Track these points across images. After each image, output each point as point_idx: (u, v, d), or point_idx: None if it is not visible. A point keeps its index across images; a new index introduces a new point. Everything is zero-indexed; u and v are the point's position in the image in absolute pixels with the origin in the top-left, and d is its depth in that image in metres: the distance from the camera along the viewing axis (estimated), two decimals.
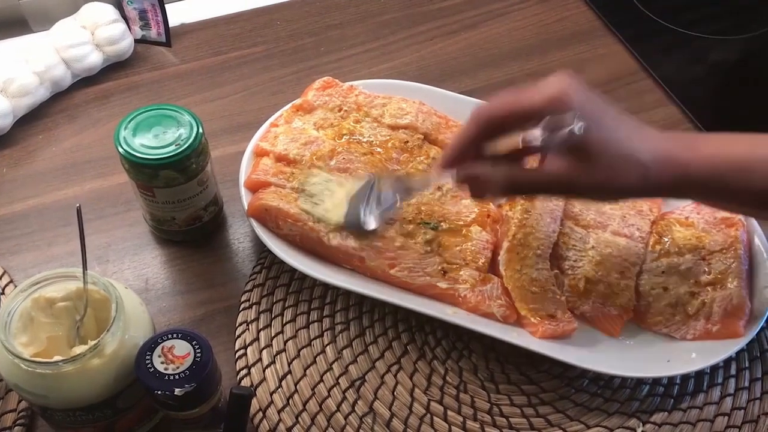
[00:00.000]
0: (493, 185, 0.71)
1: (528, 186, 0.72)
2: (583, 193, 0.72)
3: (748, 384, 0.83)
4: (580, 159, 0.68)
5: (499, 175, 0.70)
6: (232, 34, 1.18)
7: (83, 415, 0.69)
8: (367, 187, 0.83)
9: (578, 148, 0.67)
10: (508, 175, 0.71)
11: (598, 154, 0.68)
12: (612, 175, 0.69)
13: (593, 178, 0.69)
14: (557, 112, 0.66)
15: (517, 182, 0.71)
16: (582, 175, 0.68)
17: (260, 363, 0.83)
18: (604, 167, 0.68)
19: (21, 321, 0.68)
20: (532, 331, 0.83)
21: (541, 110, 0.67)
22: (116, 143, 0.81)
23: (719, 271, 0.85)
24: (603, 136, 0.68)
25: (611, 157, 0.68)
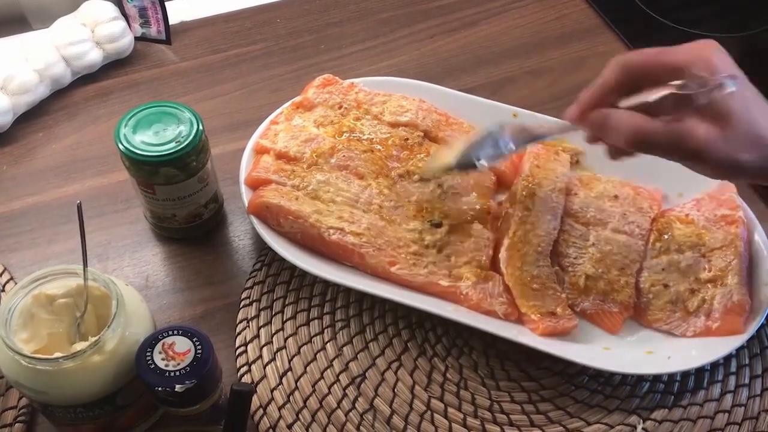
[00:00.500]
0: (624, 133, 0.69)
1: (659, 141, 0.69)
2: (710, 160, 0.69)
3: (749, 381, 0.83)
4: (717, 124, 0.67)
5: (632, 122, 0.69)
6: (232, 31, 1.18)
7: (84, 411, 0.69)
8: (488, 133, 0.83)
9: (719, 111, 0.66)
10: (641, 123, 0.69)
11: (738, 122, 0.67)
12: (744, 147, 0.68)
13: (725, 146, 0.67)
14: (701, 68, 0.66)
15: (648, 133, 0.69)
16: (717, 140, 0.67)
17: (261, 360, 0.83)
18: (738, 137, 0.67)
19: (21, 318, 0.68)
20: (533, 328, 0.83)
21: (687, 65, 0.67)
22: (116, 140, 0.81)
23: (719, 268, 0.85)
24: (743, 106, 0.67)
25: (747, 128, 0.67)
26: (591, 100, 0.72)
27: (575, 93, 1.09)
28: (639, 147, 0.71)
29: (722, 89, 0.65)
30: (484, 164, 0.82)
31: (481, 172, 0.85)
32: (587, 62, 1.15)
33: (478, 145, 0.83)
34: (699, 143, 0.67)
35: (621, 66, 0.70)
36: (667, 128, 0.68)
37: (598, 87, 0.72)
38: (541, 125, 0.83)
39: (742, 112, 0.67)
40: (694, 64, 0.67)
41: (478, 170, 0.83)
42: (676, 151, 0.70)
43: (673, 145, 0.69)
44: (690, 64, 0.67)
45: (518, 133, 0.82)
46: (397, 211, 0.88)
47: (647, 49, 0.71)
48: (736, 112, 0.67)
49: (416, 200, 0.88)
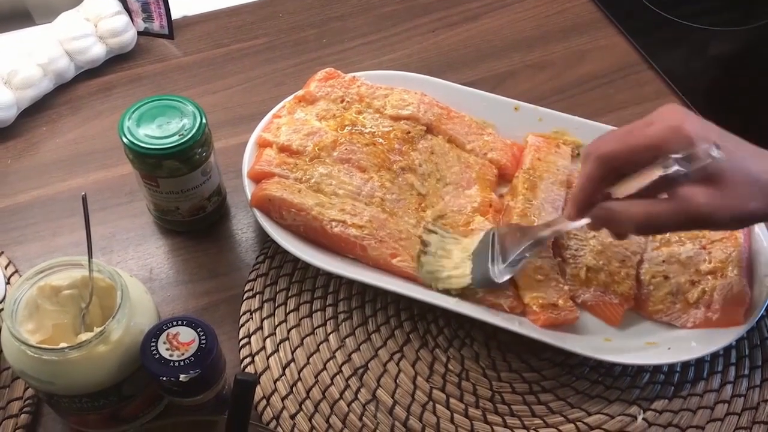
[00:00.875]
0: (630, 222, 0.70)
1: (666, 221, 0.70)
2: (719, 222, 0.70)
3: (748, 371, 0.84)
4: (714, 187, 0.67)
5: (637, 211, 0.70)
6: (235, 26, 1.18)
7: (89, 401, 0.70)
8: (487, 241, 0.84)
9: (712, 174, 0.67)
10: (646, 210, 0.69)
11: (732, 180, 0.67)
12: (747, 198, 0.68)
13: (729, 204, 0.68)
14: (679, 143, 0.66)
15: (654, 217, 0.69)
16: (719, 203, 0.68)
17: (264, 351, 0.83)
18: (738, 192, 0.68)
19: (27, 309, 0.69)
20: (534, 319, 0.83)
21: (663, 143, 0.67)
22: (120, 133, 0.82)
23: (719, 259, 0.86)
24: (736, 160, 0.68)
25: (743, 182, 0.68)
26: (587, 197, 0.73)
27: (576, 86, 1.11)
28: (649, 232, 0.74)
29: (712, 161, 0.65)
30: (504, 279, 0.82)
31: None
32: (588, 56, 1.16)
33: (485, 254, 0.83)
34: (704, 211, 0.68)
35: (600, 161, 0.71)
36: (670, 207, 0.69)
37: (587, 185, 0.72)
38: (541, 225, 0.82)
39: (733, 166, 0.68)
40: (670, 140, 0.67)
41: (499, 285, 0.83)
42: (685, 225, 0.71)
43: (680, 220, 0.69)
44: (666, 142, 0.67)
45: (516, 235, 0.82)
46: (398, 204, 0.88)
47: (615, 133, 0.72)
48: (728, 169, 0.67)
49: (416, 194, 0.89)
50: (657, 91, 1.11)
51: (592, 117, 0.99)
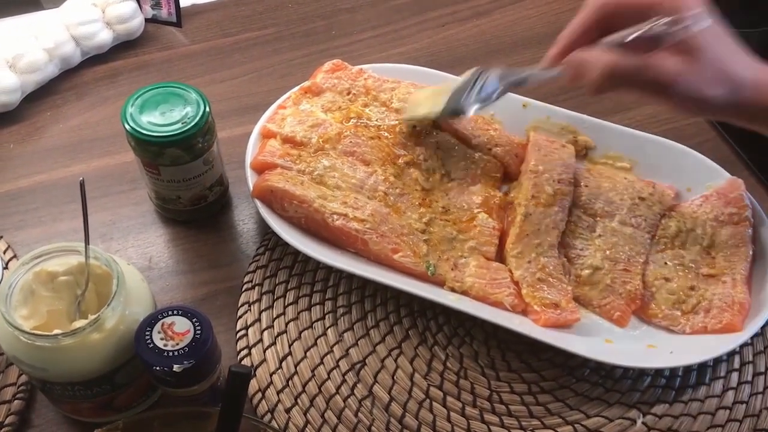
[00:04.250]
0: (597, 70, 0.71)
1: (631, 75, 0.71)
2: (679, 94, 0.71)
3: (751, 378, 0.82)
4: (687, 58, 0.69)
5: (605, 60, 0.71)
6: (243, 15, 1.18)
7: (82, 389, 0.69)
8: (471, 77, 0.84)
9: (689, 46, 0.69)
10: (614, 60, 0.71)
11: (706, 57, 0.69)
12: (709, 83, 0.70)
13: (693, 80, 0.70)
14: (672, 6, 0.68)
15: (621, 69, 0.71)
16: (686, 74, 0.69)
17: (261, 344, 0.83)
18: (706, 72, 0.70)
19: (22, 294, 0.68)
20: (535, 319, 0.82)
21: (657, 3, 0.69)
22: (123, 120, 0.81)
23: (723, 265, 0.85)
24: (713, 42, 0.70)
25: (715, 64, 0.70)
26: (569, 41, 0.74)
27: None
28: (611, 81, 0.73)
29: (692, 26, 0.67)
30: (475, 109, 0.83)
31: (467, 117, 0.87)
32: None
33: (464, 91, 0.84)
34: (667, 77, 0.70)
35: (597, 6, 0.72)
36: (637, 62, 0.70)
37: (576, 27, 0.74)
38: (524, 68, 0.83)
39: (710, 47, 0.70)
40: (664, 2, 0.69)
41: (467, 117, 0.84)
42: (646, 85, 0.72)
43: (643, 78, 0.71)
44: (660, 3, 0.69)
45: (503, 76, 0.83)
46: (402, 199, 0.87)
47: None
48: (705, 48, 0.69)
49: (420, 189, 0.88)
50: None
51: (601, 116, 0.98)
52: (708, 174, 0.92)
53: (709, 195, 0.91)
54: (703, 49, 0.69)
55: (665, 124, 1.04)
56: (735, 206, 0.88)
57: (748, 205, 0.88)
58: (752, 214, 0.88)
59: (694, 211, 0.90)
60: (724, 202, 0.89)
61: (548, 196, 0.87)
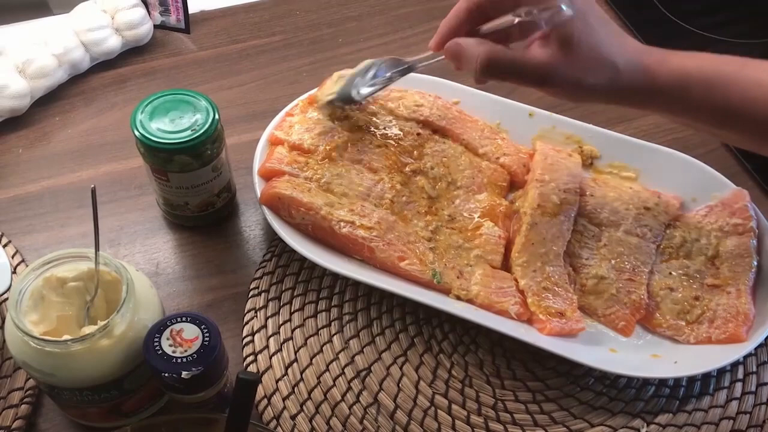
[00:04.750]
0: (474, 59, 0.72)
1: (505, 66, 0.72)
2: (554, 84, 0.73)
3: (755, 389, 0.83)
4: (560, 49, 0.70)
5: (481, 51, 0.72)
6: (251, 22, 1.18)
7: (90, 395, 0.69)
8: (364, 68, 0.86)
9: (563, 36, 0.69)
10: (490, 52, 0.72)
11: (578, 46, 0.70)
12: (585, 71, 0.71)
13: (568, 70, 0.71)
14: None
15: (495, 60, 0.72)
16: (558, 65, 0.70)
17: (267, 350, 0.83)
18: (580, 61, 0.70)
19: (32, 299, 0.68)
20: (540, 328, 0.83)
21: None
22: (132, 126, 0.82)
23: (727, 276, 0.85)
24: (585, 30, 0.70)
25: (588, 53, 0.70)
26: (447, 30, 0.76)
27: None
28: (489, 73, 0.74)
29: (561, 14, 0.68)
30: (364, 95, 0.86)
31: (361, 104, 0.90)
32: None
33: (356, 79, 0.87)
34: (542, 68, 0.71)
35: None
36: (512, 54, 0.72)
37: (452, 16, 0.75)
38: (411, 57, 0.85)
39: (583, 36, 0.70)
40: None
41: (358, 103, 0.87)
42: (523, 76, 0.73)
43: (519, 69, 0.72)
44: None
45: (391, 64, 0.86)
46: (408, 207, 0.88)
47: None
48: (577, 37, 0.70)
49: (426, 197, 0.89)
50: None
51: (606, 126, 0.98)
52: (713, 184, 0.92)
53: (714, 205, 0.91)
54: (577, 38, 0.70)
55: (670, 133, 1.04)
56: (740, 217, 0.89)
57: (753, 216, 0.89)
58: (757, 224, 0.89)
59: (699, 222, 0.90)
60: (728, 213, 0.89)
61: (554, 205, 0.88)
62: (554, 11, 0.68)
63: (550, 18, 0.68)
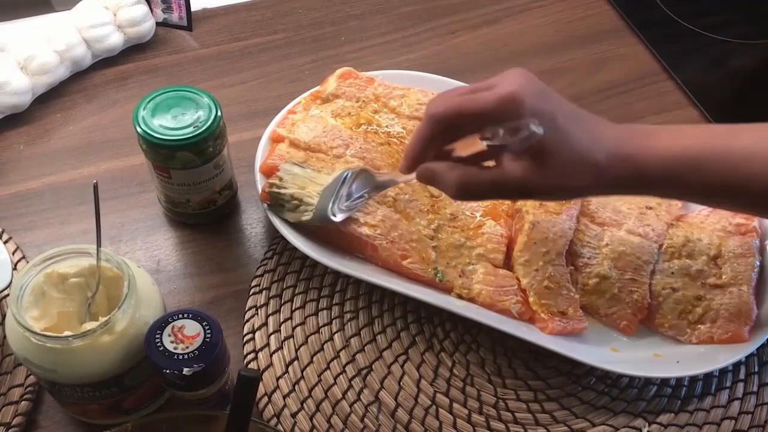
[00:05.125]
0: (448, 185, 0.70)
1: (482, 188, 0.70)
2: (537, 195, 0.71)
3: (757, 389, 0.83)
4: (534, 161, 0.67)
5: (453, 177, 0.69)
6: (253, 20, 1.18)
7: (91, 391, 0.69)
8: (338, 181, 0.83)
9: (534, 150, 0.66)
10: (461, 177, 0.69)
11: (552, 156, 0.67)
12: (566, 177, 0.68)
13: (548, 180, 0.68)
14: (509, 113, 0.65)
15: (470, 184, 0.69)
16: (536, 177, 0.67)
17: (268, 348, 0.83)
18: (558, 169, 0.67)
19: (33, 295, 0.68)
20: (542, 327, 0.82)
21: (493, 111, 0.66)
22: (135, 123, 0.81)
23: (729, 276, 0.85)
24: (557, 137, 0.67)
25: (565, 159, 0.67)
26: (416, 155, 0.72)
27: (595, 94, 1.10)
28: (466, 197, 0.73)
29: (531, 137, 0.64)
30: (339, 218, 0.82)
31: None
32: (608, 64, 1.15)
33: (331, 195, 0.83)
34: (519, 184, 0.68)
35: (430, 121, 0.70)
36: (488, 176, 0.69)
37: (418, 142, 0.71)
38: (383, 173, 0.83)
39: (556, 144, 0.66)
40: (501, 106, 0.66)
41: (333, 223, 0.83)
42: (502, 195, 0.72)
43: (497, 190, 0.70)
44: (495, 110, 0.66)
45: (366, 180, 0.82)
46: (410, 205, 0.88)
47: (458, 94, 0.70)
48: (550, 148, 0.66)
49: (428, 195, 0.88)
50: (676, 102, 1.10)
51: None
52: None
53: None
54: (549, 149, 0.67)
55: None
56: (742, 216, 0.89)
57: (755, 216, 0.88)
58: (759, 224, 0.88)
59: (701, 221, 0.90)
60: (731, 213, 0.89)
61: (556, 204, 0.88)
62: (523, 134, 0.64)
63: (520, 141, 0.64)
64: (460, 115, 0.68)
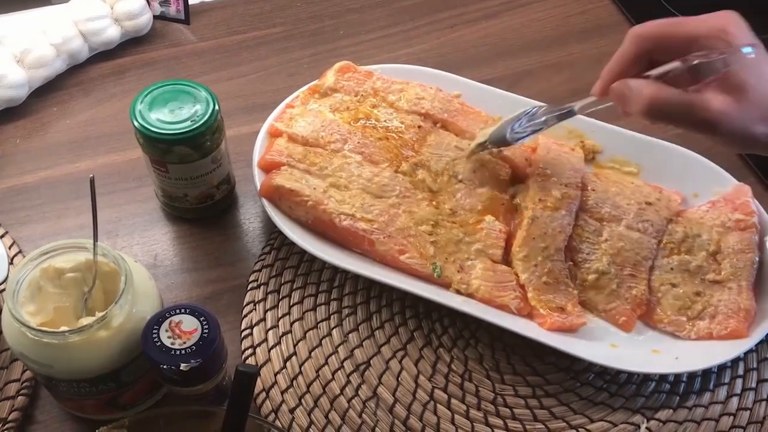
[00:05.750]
0: (640, 101, 0.68)
1: (674, 109, 0.68)
2: (726, 132, 0.69)
3: (755, 385, 0.82)
4: (734, 96, 0.66)
5: (649, 91, 0.68)
6: (252, 13, 1.18)
7: (87, 386, 0.69)
8: (521, 112, 0.86)
9: (735, 83, 0.66)
10: (657, 92, 0.68)
11: (752, 94, 0.66)
12: (758, 121, 0.67)
13: (741, 118, 0.67)
14: (718, 42, 0.66)
15: (663, 102, 0.68)
16: (731, 111, 0.66)
17: (266, 343, 0.83)
18: (755, 109, 0.67)
19: (29, 290, 0.68)
20: (541, 322, 0.82)
21: (702, 37, 0.66)
22: (132, 117, 0.81)
23: (728, 272, 0.85)
24: (759, 73, 0.66)
25: (762, 102, 0.67)
26: (612, 73, 0.72)
27: None
28: (655, 115, 0.70)
29: (737, 59, 0.64)
30: (517, 139, 0.85)
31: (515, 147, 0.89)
32: (608, 58, 1.11)
33: (512, 123, 0.85)
34: (713, 115, 0.67)
35: (637, 37, 0.70)
36: (682, 98, 0.68)
37: (617, 59, 0.72)
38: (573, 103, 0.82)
39: (757, 84, 0.66)
40: (711, 34, 0.66)
41: (512, 145, 0.87)
42: (691, 121, 0.70)
43: (687, 114, 0.68)
44: (706, 35, 0.67)
45: (549, 110, 0.84)
46: (409, 200, 0.87)
47: (664, 19, 0.70)
48: (752, 84, 0.66)
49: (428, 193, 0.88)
50: None
51: (608, 120, 0.98)
52: (715, 180, 0.92)
53: (716, 201, 0.91)
54: (750, 86, 0.66)
55: (672, 128, 1.03)
56: (742, 212, 0.88)
57: (755, 212, 0.88)
58: (759, 220, 0.88)
59: (700, 217, 0.90)
60: (731, 209, 0.89)
61: (555, 199, 0.87)
62: (733, 54, 0.64)
63: (728, 61, 0.64)
64: (667, 35, 0.68)
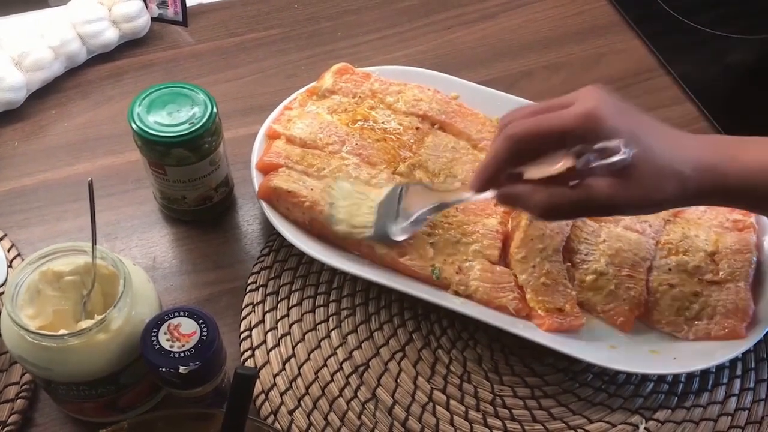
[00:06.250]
0: (532, 208, 0.69)
1: (567, 208, 0.69)
2: (624, 210, 0.71)
3: (754, 385, 0.83)
4: (619, 177, 0.67)
5: (538, 199, 0.68)
6: (249, 15, 1.18)
7: (86, 389, 0.69)
8: (394, 196, 0.81)
9: (620, 168, 0.66)
10: (548, 199, 0.68)
11: (637, 171, 0.66)
12: (652, 191, 0.68)
13: (634, 195, 0.67)
14: (589, 131, 0.65)
15: (556, 205, 0.68)
16: (622, 193, 0.67)
17: (265, 345, 0.83)
18: (644, 183, 0.67)
19: (28, 293, 0.68)
20: (539, 323, 0.82)
21: (573, 130, 0.66)
22: (130, 119, 0.81)
23: (726, 272, 0.85)
24: (641, 153, 0.66)
25: (650, 173, 0.67)
26: (488, 172, 0.71)
27: None
28: (552, 218, 0.72)
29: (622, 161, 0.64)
30: (401, 238, 0.81)
31: None
32: (605, 59, 1.15)
33: (389, 210, 0.81)
34: (605, 200, 0.67)
35: (509, 142, 0.69)
36: (573, 195, 0.68)
37: (492, 161, 0.70)
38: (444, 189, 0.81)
39: (641, 160, 0.66)
40: (580, 125, 0.65)
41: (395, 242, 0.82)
42: (586, 213, 0.72)
43: (583, 208, 0.69)
44: (576, 128, 0.66)
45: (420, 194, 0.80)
46: None
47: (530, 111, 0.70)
48: (636, 162, 0.66)
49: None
50: (673, 97, 1.10)
51: None
52: None
53: None
54: (636, 166, 0.66)
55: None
56: (740, 213, 0.88)
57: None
58: (757, 220, 0.88)
59: (698, 217, 0.90)
60: (728, 209, 0.89)
61: None
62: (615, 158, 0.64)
63: (610, 165, 0.65)
64: (540, 135, 0.68)
